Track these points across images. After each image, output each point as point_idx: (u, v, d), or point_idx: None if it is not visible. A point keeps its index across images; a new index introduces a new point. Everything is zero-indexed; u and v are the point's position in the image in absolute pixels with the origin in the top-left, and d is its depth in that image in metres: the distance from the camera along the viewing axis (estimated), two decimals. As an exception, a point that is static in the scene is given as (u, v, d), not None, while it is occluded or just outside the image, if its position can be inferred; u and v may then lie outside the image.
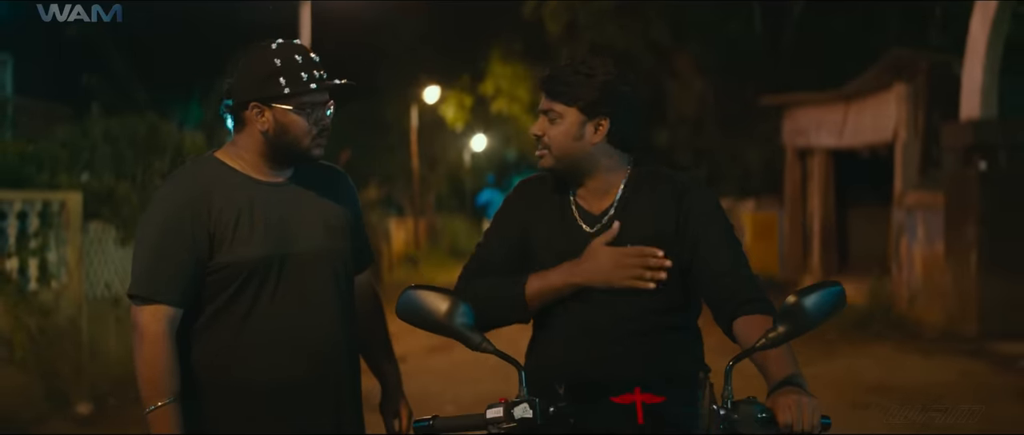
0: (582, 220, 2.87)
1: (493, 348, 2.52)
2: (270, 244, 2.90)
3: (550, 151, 2.84)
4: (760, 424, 2.44)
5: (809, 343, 12.31)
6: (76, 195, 8.87)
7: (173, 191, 2.93)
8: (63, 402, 8.40)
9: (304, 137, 2.90)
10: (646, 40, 23.70)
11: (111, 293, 9.52)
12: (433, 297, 2.52)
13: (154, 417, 2.81)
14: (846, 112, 17.50)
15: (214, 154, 3.01)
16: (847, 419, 8.36)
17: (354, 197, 3.21)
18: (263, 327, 2.90)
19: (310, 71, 2.87)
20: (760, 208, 21.93)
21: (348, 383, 3.07)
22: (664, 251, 2.80)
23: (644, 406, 2.49)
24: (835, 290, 2.55)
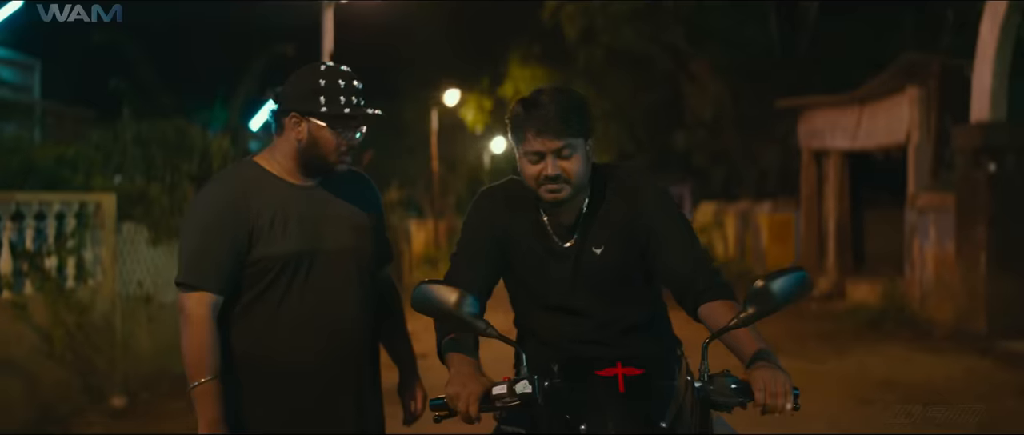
0: (557, 235, 3.12)
1: (496, 333, 2.81)
2: (301, 241, 3.23)
3: (570, 185, 2.99)
4: (733, 393, 2.76)
5: (822, 342, 12.63)
6: (110, 197, 9.20)
7: (217, 191, 3.27)
8: (98, 396, 8.72)
9: (331, 153, 3.24)
10: (662, 43, 23.89)
11: (143, 291, 9.84)
12: (443, 290, 2.79)
13: (198, 392, 3.14)
14: (860, 115, 17.68)
15: (253, 158, 3.35)
16: (854, 414, 8.63)
17: (377, 200, 3.53)
18: (294, 314, 3.24)
19: (349, 96, 3.21)
20: (776, 209, 22.11)
21: (368, 366, 3.40)
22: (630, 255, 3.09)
23: (624, 378, 2.74)
24: (799, 275, 2.82)
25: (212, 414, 3.13)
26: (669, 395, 2.75)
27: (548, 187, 2.98)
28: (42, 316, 7.96)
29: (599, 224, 3.09)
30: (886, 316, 14.48)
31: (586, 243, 3.09)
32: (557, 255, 3.10)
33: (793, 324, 14.41)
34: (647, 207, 3.08)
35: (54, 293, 8.11)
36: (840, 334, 13.69)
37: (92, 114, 18.26)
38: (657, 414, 2.67)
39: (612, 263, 3.09)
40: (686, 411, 2.74)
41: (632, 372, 2.75)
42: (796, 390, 2.75)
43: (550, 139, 2.95)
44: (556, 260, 3.10)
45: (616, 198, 3.11)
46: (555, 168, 2.95)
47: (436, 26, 29.92)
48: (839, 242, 18.98)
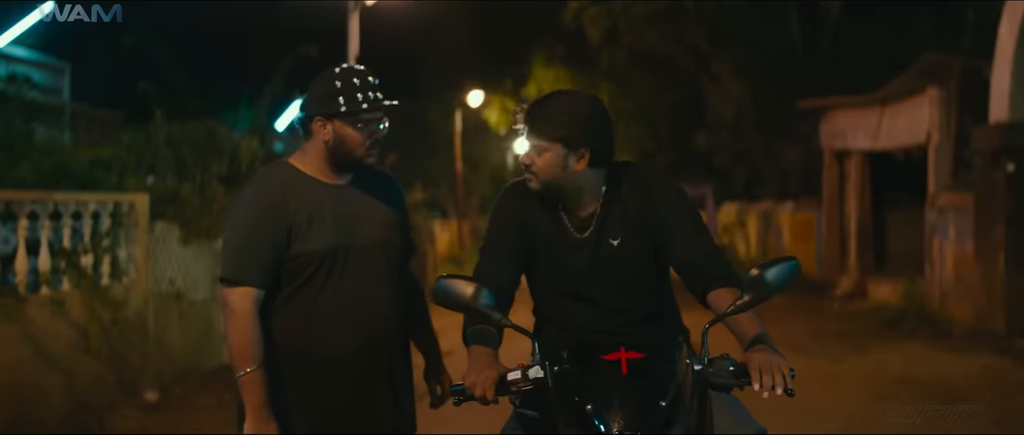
0: (573, 228, 3.33)
1: (511, 323, 3.04)
2: (336, 237, 3.45)
3: (537, 177, 3.24)
4: (731, 375, 2.96)
5: (842, 341, 12.76)
6: (143, 197, 9.45)
7: (257, 193, 3.48)
8: (132, 390, 8.97)
9: (358, 148, 3.46)
10: (684, 45, 24.00)
11: (174, 288, 10.09)
12: (461, 284, 3.02)
13: (244, 381, 3.36)
14: (881, 115, 17.78)
15: (287, 160, 3.56)
16: (870, 411, 8.77)
17: (401, 197, 3.75)
18: (331, 306, 3.45)
19: (365, 92, 3.42)
20: (798, 210, 22.21)
21: (400, 353, 3.62)
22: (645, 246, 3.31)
23: (627, 361, 2.94)
24: (792, 263, 3.02)
25: (257, 400, 3.35)
26: (669, 377, 2.93)
27: (526, 174, 3.28)
28: (79, 312, 8.20)
29: (616, 218, 3.30)
30: (906, 315, 14.58)
31: (603, 235, 3.30)
32: (573, 246, 3.31)
33: (815, 324, 14.55)
34: (662, 203, 3.29)
35: (90, 290, 8.36)
36: (860, 333, 13.80)
37: (121, 116, 18.50)
38: (657, 394, 2.86)
39: (628, 255, 3.30)
40: (686, 392, 2.92)
41: (634, 356, 2.94)
42: (792, 371, 2.93)
43: (528, 135, 3.24)
44: (573, 251, 3.31)
45: (633, 194, 3.31)
46: (528, 158, 3.23)
47: (460, 28, 30.09)
48: (860, 242, 19.08)
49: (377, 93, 3.44)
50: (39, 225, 8.03)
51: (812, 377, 10.22)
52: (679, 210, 3.30)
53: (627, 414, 2.78)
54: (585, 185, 3.27)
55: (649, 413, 2.81)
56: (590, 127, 3.20)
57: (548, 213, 3.35)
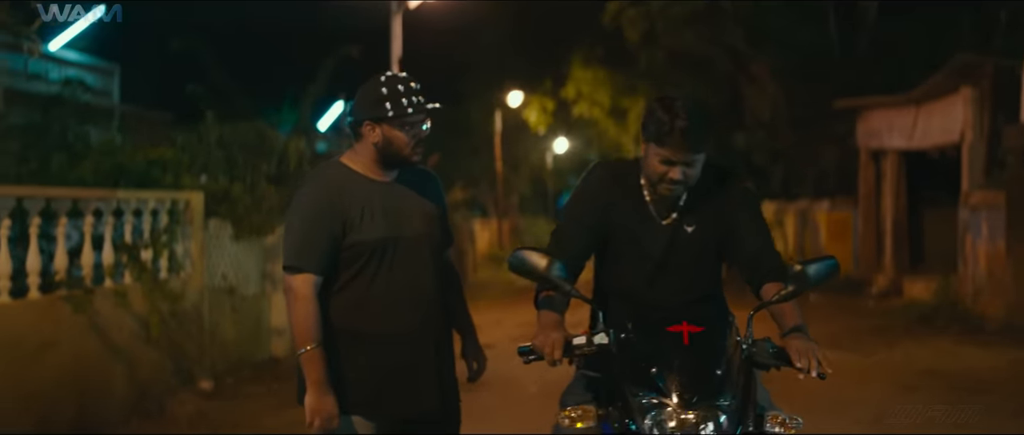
0: (658, 213, 3.73)
1: (577, 293, 3.45)
2: (386, 228, 3.85)
3: (685, 187, 3.59)
4: (771, 356, 3.39)
5: (875, 336, 13.01)
6: (198, 195, 9.91)
7: (315, 189, 3.88)
8: (188, 378, 9.43)
9: (404, 148, 3.85)
10: (722, 45, 24.20)
11: (227, 283, 10.55)
12: (535, 255, 3.45)
13: (305, 358, 3.75)
14: (916, 115, 17.95)
15: (339, 159, 3.97)
16: (896, 401, 9.05)
17: (441, 193, 4.16)
18: (383, 291, 3.85)
19: (409, 97, 3.81)
20: (835, 208, 22.35)
21: (444, 335, 4.02)
22: (714, 238, 3.71)
23: (689, 333, 3.33)
24: (831, 262, 3.47)
25: (317, 376, 3.73)
26: (722, 351, 3.34)
27: (668, 186, 3.57)
28: (140, 304, 8.66)
29: (694, 208, 3.69)
30: (938, 312, 14.79)
31: (682, 222, 3.70)
32: (656, 230, 3.70)
33: (850, 320, 14.79)
34: (734, 201, 3.71)
35: (150, 283, 8.81)
36: (892, 329, 14.04)
37: (169, 117, 18.96)
38: (713, 364, 3.27)
39: (700, 241, 3.71)
40: (734, 366, 3.32)
41: (695, 329, 3.33)
42: (823, 374, 3.34)
43: (684, 153, 3.49)
44: (653, 233, 3.70)
45: (712, 189, 3.69)
46: (680, 175, 3.52)
47: (500, 30, 30.42)
48: (896, 240, 19.24)
49: (420, 97, 3.83)
50: (103, 222, 8.48)
51: (843, 370, 10.48)
52: (747, 210, 3.72)
53: (686, 379, 3.19)
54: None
55: (705, 381, 3.20)
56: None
57: (635, 198, 3.71)
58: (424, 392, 3.91)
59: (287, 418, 8.49)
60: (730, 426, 3.17)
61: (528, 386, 8.71)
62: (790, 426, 3.31)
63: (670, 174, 3.52)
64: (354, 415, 3.82)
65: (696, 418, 3.13)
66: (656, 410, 3.16)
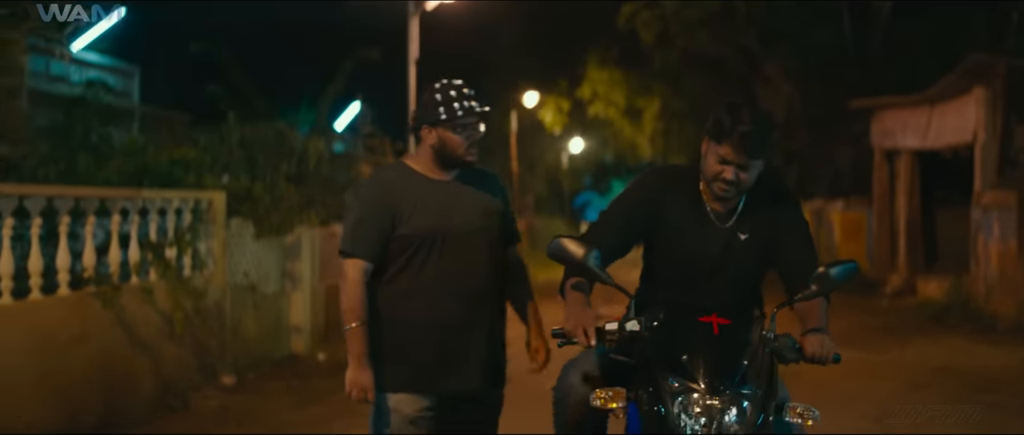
0: (716, 219, 3.86)
1: (612, 282, 3.62)
2: (437, 222, 4.16)
3: (739, 190, 3.71)
4: (791, 351, 3.58)
5: (887, 335, 13.13)
6: (220, 194, 10.11)
7: (370, 185, 4.28)
8: (211, 373, 9.64)
9: (458, 148, 4.19)
10: (736, 46, 24.32)
11: (248, 281, 10.75)
12: (573, 244, 3.59)
13: (350, 334, 4.13)
14: (930, 115, 18.05)
15: (402, 160, 4.36)
16: (907, 397, 9.20)
17: (503, 192, 4.47)
18: (431, 280, 4.17)
19: (462, 102, 4.14)
20: (849, 208, 22.47)
21: (492, 324, 4.28)
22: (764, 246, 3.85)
23: (719, 325, 3.52)
24: (851, 266, 3.61)
25: (358, 351, 4.11)
26: (748, 343, 3.53)
27: (722, 187, 3.69)
28: (164, 300, 8.87)
29: (749, 217, 3.85)
30: (951, 310, 14.91)
31: (738, 229, 3.85)
32: (712, 233, 3.85)
33: (863, 319, 14.93)
34: (785, 214, 3.88)
35: (174, 280, 9.02)
36: (905, 327, 14.17)
37: (188, 117, 19.17)
38: (740, 355, 3.46)
39: (752, 248, 3.86)
40: (759, 357, 3.51)
41: (724, 321, 3.53)
42: (837, 356, 3.56)
43: (740, 155, 3.61)
44: (710, 237, 3.85)
45: (766, 200, 3.86)
46: (735, 176, 3.65)
47: (516, 30, 30.61)
48: (910, 240, 19.33)
49: (471, 102, 4.16)
50: (129, 220, 8.69)
51: (855, 367, 10.70)
52: (797, 224, 3.88)
53: (713, 367, 3.38)
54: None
55: (731, 370, 3.40)
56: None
57: (694, 200, 3.86)
58: (467, 374, 4.19)
59: (308, 414, 8.70)
60: (753, 414, 3.35)
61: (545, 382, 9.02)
62: (808, 417, 3.48)
63: (724, 174, 3.65)
64: (402, 393, 4.15)
65: (721, 404, 3.32)
66: (684, 395, 3.35)
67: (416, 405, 4.16)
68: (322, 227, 12.56)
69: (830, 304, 3.76)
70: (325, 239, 12.66)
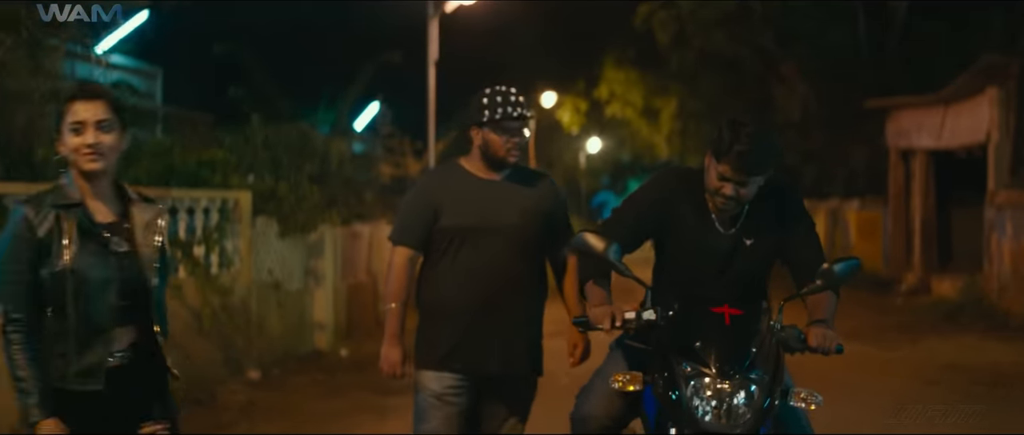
0: (720, 224, 4.06)
1: (631, 274, 3.87)
2: (477, 218, 4.51)
3: (739, 204, 3.92)
4: (796, 341, 3.83)
5: (899, 332, 13.30)
6: (246, 194, 10.37)
7: (421, 181, 4.79)
8: (237, 368, 9.90)
9: (500, 149, 4.51)
10: (752, 46, 24.47)
11: (273, 278, 11.00)
12: (594, 238, 3.86)
13: (388, 313, 4.53)
14: (944, 115, 18.17)
15: (457, 160, 4.69)
16: (917, 392, 9.40)
17: (553, 194, 4.75)
18: (464, 269, 4.51)
19: (504, 107, 4.46)
20: (864, 207, 22.58)
21: (522, 309, 4.57)
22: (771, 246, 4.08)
23: (730, 315, 3.79)
24: (854, 262, 3.86)
25: (392, 330, 4.52)
26: (757, 333, 3.80)
27: (722, 201, 3.90)
28: (193, 297, 9.14)
29: (754, 221, 4.06)
30: (964, 309, 15.06)
31: (742, 235, 4.06)
32: (718, 238, 4.06)
33: (877, 317, 15.09)
34: (791, 216, 4.09)
35: (202, 278, 9.30)
36: (917, 325, 14.33)
37: (209, 118, 19.43)
38: (749, 343, 3.73)
39: (758, 252, 4.09)
40: (766, 345, 3.77)
41: (735, 312, 3.80)
42: (840, 347, 3.80)
43: (738, 174, 3.79)
44: (714, 242, 4.06)
45: (770, 203, 4.04)
46: (732, 191, 3.84)
47: (534, 31, 30.82)
48: (925, 239, 19.42)
49: (512, 106, 4.46)
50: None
51: (866, 363, 10.89)
52: (802, 222, 4.10)
53: (724, 354, 3.67)
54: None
55: (740, 356, 3.68)
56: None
57: (699, 205, 4.05)
58: (493, 357, 4.50)
59: (332, 407, 8.94)
60: (760, 397, 3.62)
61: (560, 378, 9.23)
62: (811, 402, 3.73)
63: (723, 189, 3.84)
64: (430, 370, 4.50)
65: (730, 388, 3.61)
66: (696, 379, 3.64)
67: (443, 382, 4.48)
68: (344, 226, 12.82)
69: (839, 299, 4.00)
70: (347, 238, 12.92)
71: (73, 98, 3.46)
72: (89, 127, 3.39)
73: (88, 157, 3.40)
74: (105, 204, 3.51)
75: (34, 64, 7.48)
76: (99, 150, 3.40)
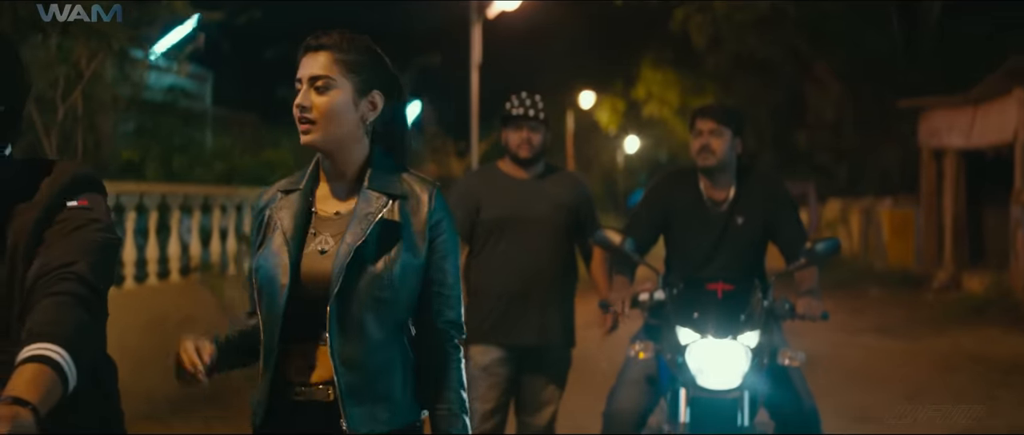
0: (711, 206, 4.86)
1: (644, 261, 4.66)
2: (509, 210, 5.11)
3: (715, 156, 4.72)
4: (784, 310, 4.50)
5: (924, 326, 13.72)
6: (303, 192, 10.99)
7: (465, 181, 5.44)
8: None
9: (512, 146, 5.12)
10: (785, 48, 24.87)
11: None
12: (612, 234, 4.63)
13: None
14: (974, 115, 18.52)
15: (495, 163, 5.31)
16: (936, 380, 9.93)
17: (579, 188, 5.34)
18: (504, 257, 5.11)
19: (516, 107, 5.08)
20: (897, 206, 22.92)
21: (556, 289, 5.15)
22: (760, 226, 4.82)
23: (723, 290, 4.49)
24: (834, 242, 4.60)
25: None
26: (747, 304, 4.48)
27: (701, 155, 4.75)
28: (257, 287, 9.78)
29: (742, 204, 4.83)
30: (991, 304, 15.46)
31: (732, 214, 4.83)
32: (711, 219, 4.84)
33: (906, 312, 15.53)
34: (776, 198, 4.90)
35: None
36: (944, 319, 14.72)
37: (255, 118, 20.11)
38: (739, 312, 4.42)
39: (748, 230, 4.83)
40: (756, 315, 4.45)
41: (727, 288, 4.51)
42: (825, 314, 4.50)
43: (706, 121, 4.77)
44: (709, 222, 4.84)
45: (757, 187, 4.85)
46: (706, 140, 4.73)
47: (572, 33, 31.23)
48: (956, 236, 19.77)
49: (520, 106, 5.07)
50: (227, 215, 9.66)
51: (891, 354, 11.45)
52: (786, 205, 4.93)
53: (718, 321, 4.37)
54: (729, 166, 4.79)
55: (732, 323, 4.37)
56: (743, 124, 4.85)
57: (693, 195, 4.87)
58: (530, 330, 5.09)
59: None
60: (748, 358, 4.31)
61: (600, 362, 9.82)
62: (795, 360, 4.41)
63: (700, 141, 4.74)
64: (476, 344, 5.08)
65: (722, 350, 4.31)
66: (693, 344, 4.36)
67: (488, 355, 5.09)
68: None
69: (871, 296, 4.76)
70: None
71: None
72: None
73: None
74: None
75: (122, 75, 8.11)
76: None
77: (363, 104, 2.77)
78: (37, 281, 2.18)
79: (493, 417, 5.11)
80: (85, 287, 2.17)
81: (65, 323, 2.09)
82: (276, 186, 2.93)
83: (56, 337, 2.05)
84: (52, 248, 2.22)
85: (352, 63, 2.75)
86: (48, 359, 2.01)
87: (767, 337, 4.44)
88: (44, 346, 2.03)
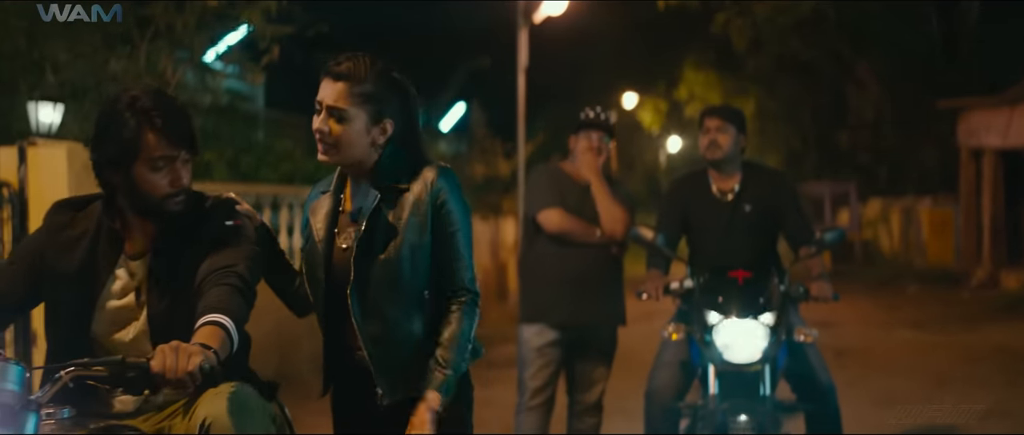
0: (720, 196, 5.51)
1: (675, 254, 5.38)
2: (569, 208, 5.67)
3: (722, 150, 5.36)
4: (800, 294, 5.16)
5: (956, 321, 14.13)
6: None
7: (542, 172, 5.86)
8: (356, 344, 11.14)
9: (577, 150, 5.67)
10: (826, 50, 25.20)
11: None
12: (646, 230, 5.31)
13: (596, 235, 5.61)
14: (1011, 115, 18.84)
15: (559, 164, 5.90)
16: (960, 369, 10.43)
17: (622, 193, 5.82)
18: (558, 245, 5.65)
19: (587, 114, 5.68)
20: (936, 205, 23.23)
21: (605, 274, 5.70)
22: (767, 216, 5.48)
23: (744, 277, 5.10)
24: (839, 231, 5.32)
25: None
26: (765, 288, 5.10)
27: (710, 149, 5.38)
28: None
29: (748, 194, 5.49)
30: (1021, 300, 15.84)
31: (739, 203, 5.47)
32: (720, 208, 5.48)
33: (941, 309, 15.98)
34: (781, 191, 5.57)
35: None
36: (978, 315, 15.15)
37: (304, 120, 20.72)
38: (758, 295, 5.05)
39: (755, 217, 5.48)
40: (773, 299, 5.07)
41: (746, 274, 5.12)
42: (836, 295, 5.16)
43: (713, 119, 5.42)
44: (719, 211, 5.48)
45: (761, 181, 5.54)
46: (714, 136, 5.36)
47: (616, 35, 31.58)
48: (994, 235, 20.07)
49: (595, 115, 5.66)
50: (293, 214, 10.32)
51: (921, 345, 11.93)
52: (790, 196, 5.58)
53: (739, 304, 5.00)
54: (734, 159, 5.43)
55: (752, 305, 4.99)
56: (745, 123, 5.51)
57: (704, 190, 5.54)
58: (579, 312, 5.63)
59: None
60: (767, 334, 4.93)
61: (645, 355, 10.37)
62: (809, 337, 5.06)
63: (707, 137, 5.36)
64: (537, 323, 5.67)
65: (743, 329, 4.94)
66: (718, 324, 4.99)
67: (543, 337, 5.66)
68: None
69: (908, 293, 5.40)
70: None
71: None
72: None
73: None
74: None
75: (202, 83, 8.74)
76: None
77: (375, 130, 3.19)
78: (207, 276, 3.00)
79: (543, 392, 5.71)
80: (242, 282, 3.00)
81: (231, 303, 2.91)
82: (317, 187, 3.45)
83: (226, 311, 2.86)
84: (218, 255, 3.06)
85: (367, 95, 3.15)
86: (221, 324, 2.82)
87: (784, 317, 5.05)
88: (218, 316, 2.84)
